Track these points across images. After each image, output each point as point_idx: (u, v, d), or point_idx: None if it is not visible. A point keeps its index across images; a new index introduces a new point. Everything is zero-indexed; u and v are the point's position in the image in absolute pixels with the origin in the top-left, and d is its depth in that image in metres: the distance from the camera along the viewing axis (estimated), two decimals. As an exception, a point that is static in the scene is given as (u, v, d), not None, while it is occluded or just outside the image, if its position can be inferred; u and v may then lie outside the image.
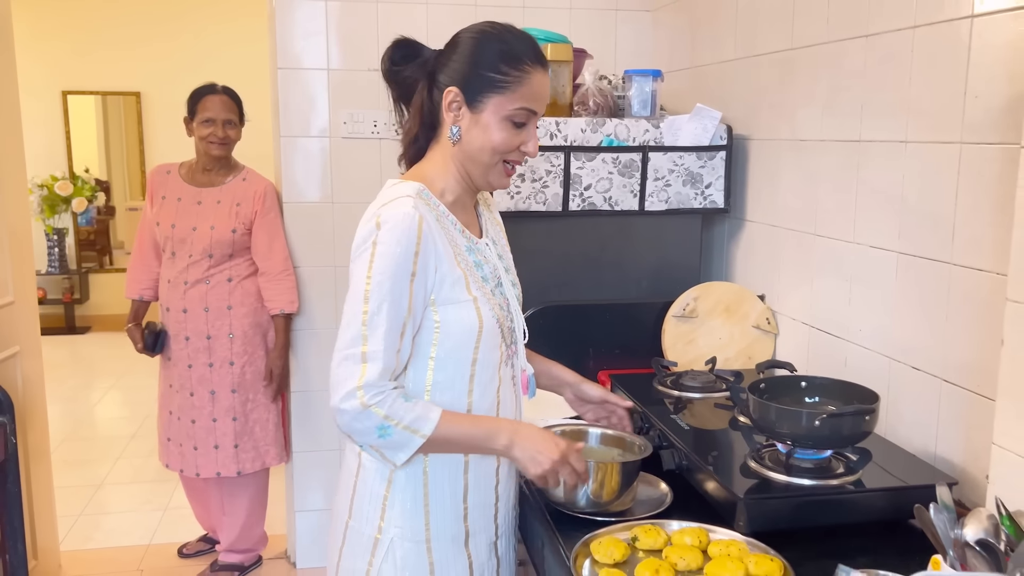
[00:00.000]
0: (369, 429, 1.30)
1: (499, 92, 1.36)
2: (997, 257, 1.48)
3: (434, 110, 1.42)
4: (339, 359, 1.32)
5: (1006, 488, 1.31)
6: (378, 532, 1.42)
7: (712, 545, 1.40)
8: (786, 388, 1.64)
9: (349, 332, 1.32)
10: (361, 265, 1.33)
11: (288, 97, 2.91)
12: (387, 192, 1.41)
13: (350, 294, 1.34)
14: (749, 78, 2.38)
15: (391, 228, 1.32)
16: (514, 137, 1.39)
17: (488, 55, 1.36)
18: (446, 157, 1.43)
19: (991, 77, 1.49)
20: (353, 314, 1.32)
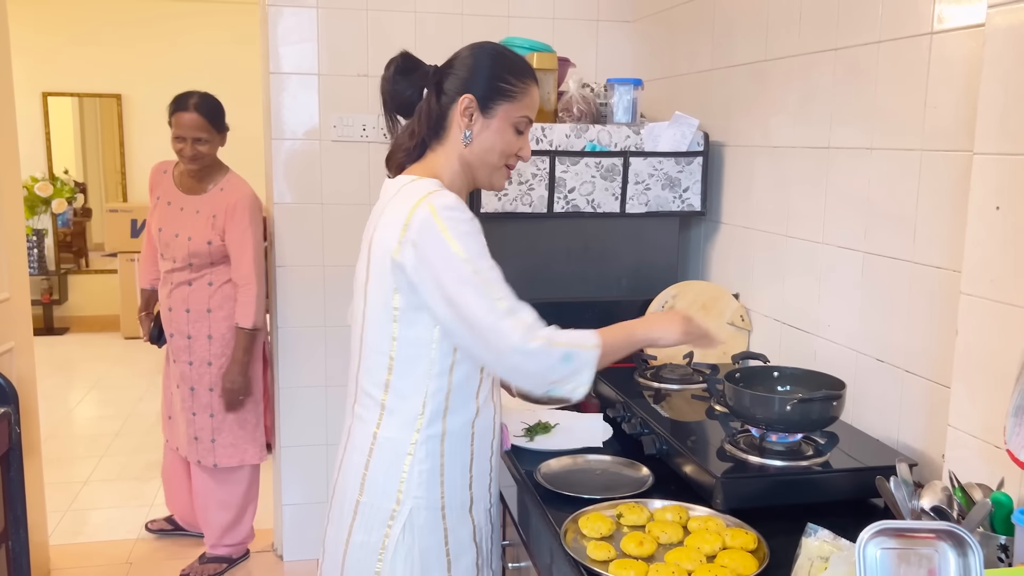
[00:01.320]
0: (555, 362, 1.40)
1: (509, 100, 1.54)
2: (953, 255, 1.60)
3: (441, 115, 1.55)
4: (491, 324, 1.39)
5: (959, 464, 1.43)
6: (396, 504, 1.52)
7: (691, 521, 1.51)
8: (760, 377, 1.76)
9: (481, 300, 1.39)
10: (441, 248, 1.40)
11: (279, 101, 2.99)
12: (417, 186, 1.50)
13: (445, 274, 1.40)
14: (725, 87, 2.50)
15: (456, 210, 1.43)
16: (515, 142, 1.57)
17: (500, 68, 1.54)
18: (451, 158, 1.56)
19: (948, 89, 1.61)
20: (472, 287, 1.39)
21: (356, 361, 1.59)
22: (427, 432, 1.51)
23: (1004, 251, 1.34)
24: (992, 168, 1.35)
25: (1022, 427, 1.19)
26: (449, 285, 1.41)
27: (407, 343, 1.49)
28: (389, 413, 1.52)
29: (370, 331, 1.53)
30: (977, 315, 1.39)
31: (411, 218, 1.43)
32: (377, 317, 1.51)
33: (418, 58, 1.58)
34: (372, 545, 1.53)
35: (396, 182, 1.56)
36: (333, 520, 1.61)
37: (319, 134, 3.02)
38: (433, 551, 1.54)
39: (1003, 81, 1.32)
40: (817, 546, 1.18)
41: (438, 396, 1.51)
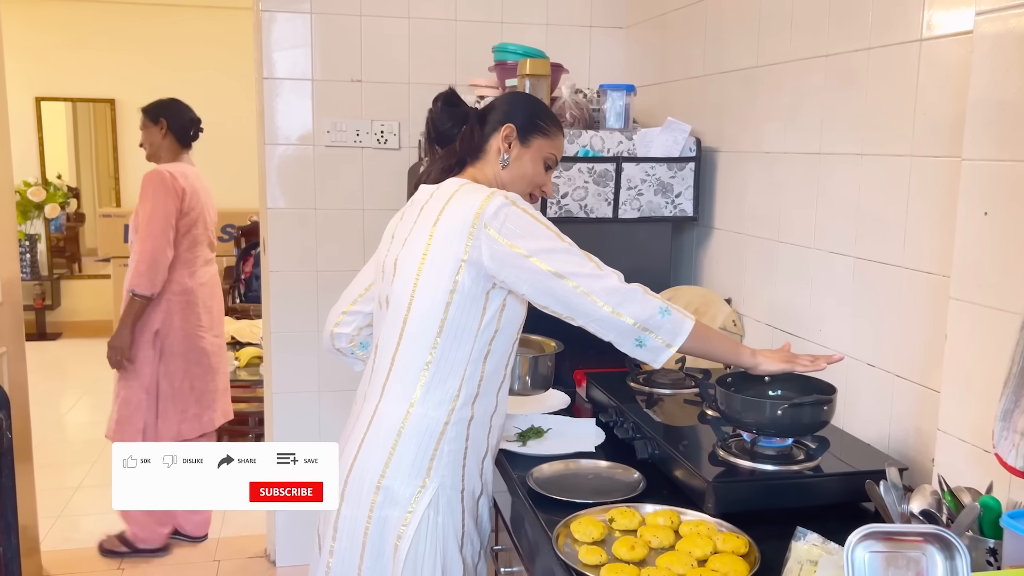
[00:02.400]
0: (654, 310, 1.57)
1: (543, 136, 1.74)
2: (943, 260, 1.61)
3: (481, 140, 1.73)
4: (590, 271, 1.57)
5: (949, 469, 1.43)
6: (425, 479, 1.57)
7: (683, 525, 1.51)
8: (751, 382, 1.76)
9: (585, 266, 1.57)
10: (529, 225, 1.55)
11: (272, 106, 2.99)
12: (475, 187, 1.63)
13: (542, 248, 1.54)
14: (717, 93, 2.51)
15: (528, 204, 1.60)
16: (542, 175, 1.76)
17: (539, 109, 1.78)
18: (490, 176, 1.72)
19: (937, 96, 1.62)
20: (564, 247, 1.57)
21: (394, 341, 1.63)
22: (460, 414, 1.60)
23: (992, 256, 1.35)
24: (980, 174, 1.36)
25: (1010, 431, 1.20)
26: (542, 249, 1.54)
27: (456, 326, 1.57)
28: (428, 390, 1.59)
29: (419, 312, 1.59)
30: (966, 320, 1.40)
31: (487, 204, 1.55)
32: (431, 297, 1.57)
33: (459, 96, 1.75)
34: (394, 520, 1.57)
35: (445, 184, 1.67)
36: (349, 499, 1.61)
37: (312, 139, 3.03)
38: (452, 532, 1.60)
39: (991, 87, 1.33)
40: (806, 550, 1.18)
41: (473, 380, 1.61)
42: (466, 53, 3.01)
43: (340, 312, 1.85)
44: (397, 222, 1.76)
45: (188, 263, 3.32)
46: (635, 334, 1.56)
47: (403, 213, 1.75)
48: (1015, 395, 1.19)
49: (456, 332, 1.58)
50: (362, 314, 1.82)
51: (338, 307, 1.87)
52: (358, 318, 1.83)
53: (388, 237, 1.75)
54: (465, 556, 1.63)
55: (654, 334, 1.57)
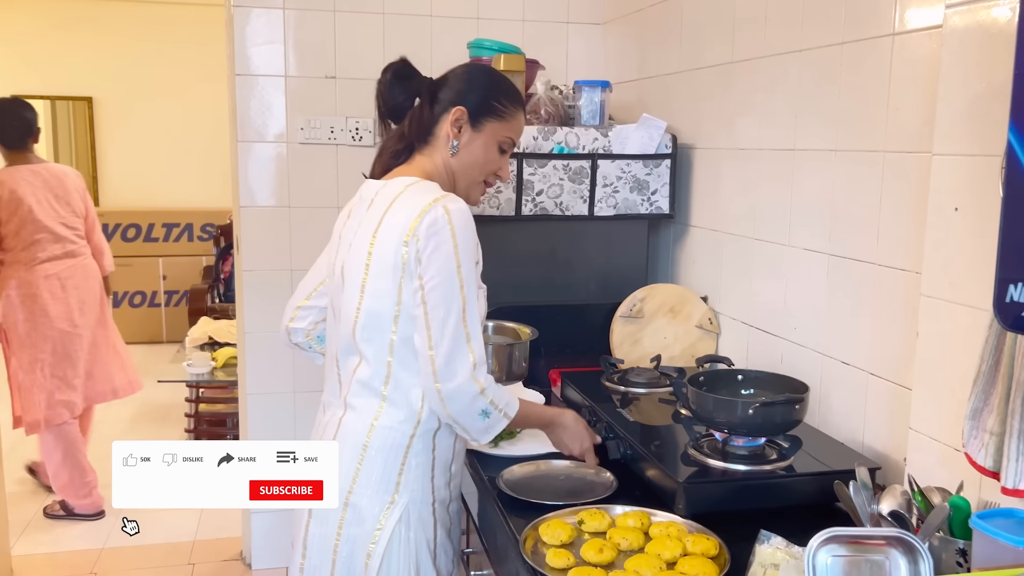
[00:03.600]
0: (475, 412, 1.49)
1: (497, 119, 1.60)
2: (915, 257, 1.59)
3: (431, 122, 1.61)
4: (449, 345, 1.45)
5: (920, 468, 1.42)
6: (394, 494, 1.52)
7: (653, 526, 1.49)
8: (724, 381, 1.75)
9: (452, 318, 1.45)
10: (445, 252, 1.45)
11: (245, 103, 2.95)
12: (425, 187, 1.54)
13: (436, 277, 1.45)
14: (693, 89, 2.49)
15: (464, 219, 1.48)
16: (497, 161, 1.64)
17: (493, 87, 1.62)
18: (438, 164, 1.62)
19: (909, 91, 1.61)
20: (451, 300, 1.45)
21: (351, 355, 1.57)
22: (426, 426, 1.54)
23: (963, 253, 1.33)
24: (950, 169, 1.35)
25: (979, 430, 1.18)
26: (434, 286, 1.45)
27: (409, 339, 1.50)
28: (391, 404, 1.53)
29: (368, 327, 1.53)
30: (937, 317, 1.39)
31: (424, 214, 1.46)
32: (378, 309, 1.51)
33: (414, 66, 1.63)
34: (363, 537, 1.52)
35: (392, 183, 1.57)
36: (317, 516, 1.56)
37: (286, 136, 2.98)
38: (424, 546, 1.56)
39: (961, 82, 1.31)
40: (770, 553, 1.16)
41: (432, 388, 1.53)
42: (442, 50, 2.98)
43: (295, 307, 1.76)
44: (344, 220, 1.65)
45: (26, 261, 3.57)
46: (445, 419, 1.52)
47: (350, 211, 1.64)
48: (984, 394, 1.17)
49: (410, 346, 1.50)
50: (317, 308, 1.74)
51: (293, 301, 1.78)
52: (313, 312, 1.75)
53: (336, 236, 1.66)
54: (439, 567, 1.59)
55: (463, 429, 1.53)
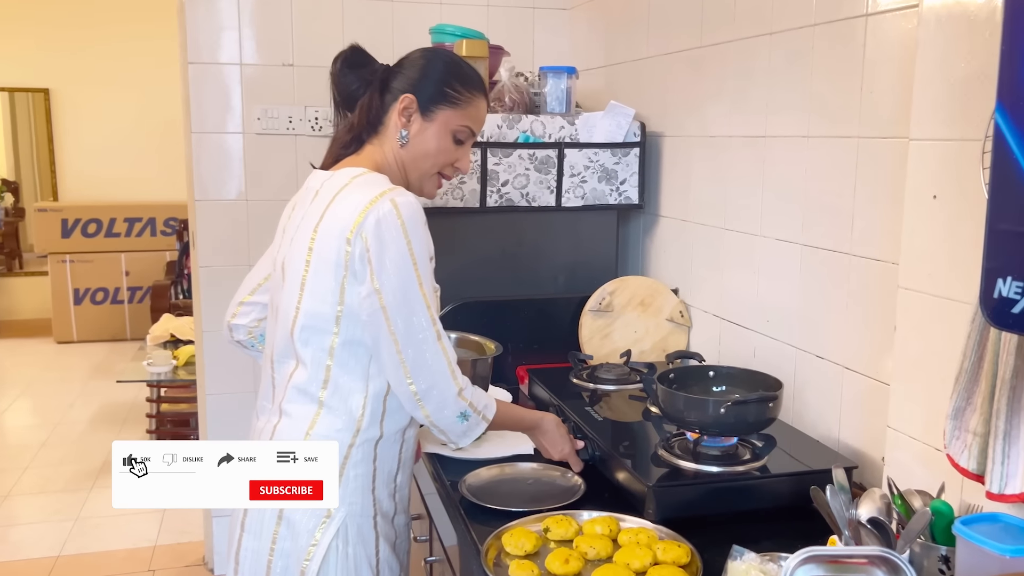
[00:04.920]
0: (453, 414, 1.41)
1: (451, 106, 1.49)
2: (892, 247, 1.53)
3: (381, 112, 1.51)
4: (419, 347, 1.37)
5: (899, 469, 1.36)
6: (328, 513, 1.41)
7: (622, 533, 1.41)
8: (695, 378, 1.68)
9: (417, 318, 1.36)
10: (397, 250, 1.35)
11: (199, 93, 2.84)
12: (372, 179, 1.43)
13: (392, 279, 1.35)
14: (662, 76, 2.41)
15: (414, 213, 1.37)
16: (453, 151, 1.53)
17: (448, 72, 1.51)
18: (388, 156, 1.51)
19: (884, 73, 1.54)
20: (413, 300, 1.36)
21: (287, 358, 1.47)
22: (366, 435, 1.44)
23: (942, 243, 1.27)
24: (928, 155, 1.28)
25: (962, 431, 1.12)
26: (390, 289, 1.36)
27: (350, 342, 1.40)
28: (329, 411, 1.42)
29: (307, 328, 1.42)
30: (915, 310, 1.32)
31: (370, 210, 1.35)
32: (318, 309, 1.40)
33: (368, 54, 1.54)
34: (297, 553, 1.41)
35: (338, 174, 1.47)
36: (250, 529, 1.47)
37: (242, 127, 2.87)
38: (364, 561, 1.45)
39: (938, 63, 1.25)
40: (744, 570, 1.09)
41: (378, 398, 1.44)
42: (404, 35, 2.88)
43: (237, 303, 1.67)
44: (289, 213, 1.55)
45: None
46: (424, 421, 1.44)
47: (295, 203, 1.55)
48: (967, 392, 1.11)
49: (352, 349, 1.40)
50: (260, 305, 1.64)
51: (236, 297, 1.68)
52: (256, 309, 1.65)
53: (280, 230, 1.57)
54: None
55: (440, 431, 1.46)
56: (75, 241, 6.32)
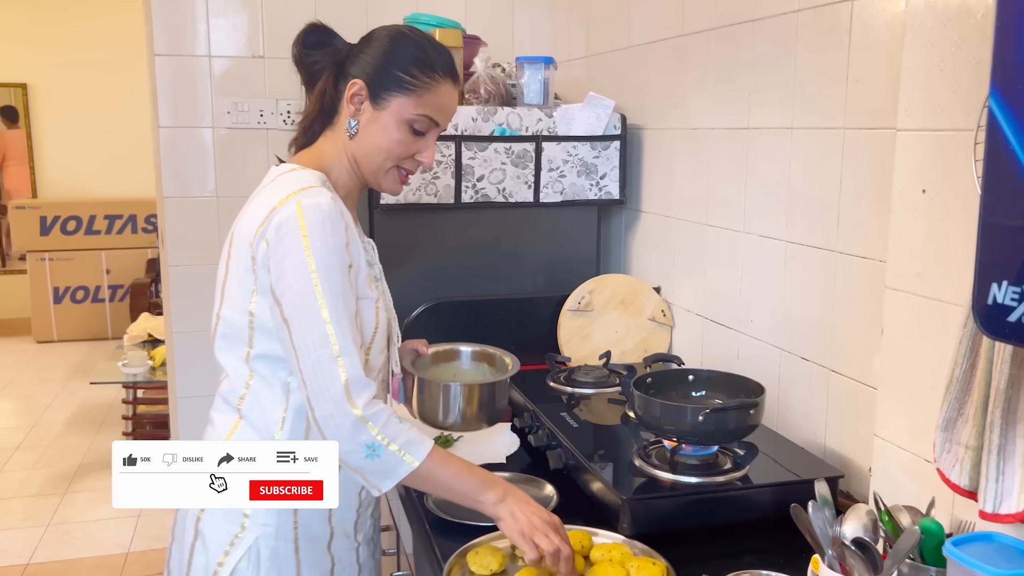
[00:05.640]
0: (358, 446, 1.21)
1: (405, 94, 1.33)
2: (880, 244, 1.45)
3: (335, 99, 1.38)
4: (313, 366, 1.21)
5: (887, 480, 1.28)
6: (240, 529, 1.31)
7: (594, 549, 1.33)
8: (673, 382, 1.60)
9: (312, 334, 1.21)
10: (294, 258, 1.21)
11: (167, 86, 2.74)
12: (293, 177, 1.31)
13: (290, 290, 1.22)
14: (643, 66, 2.33)
15: (321, 217, 1.23)
16: (411, 144, 1.37)
17: (401, 55, 1.34)
18: (339, 149, 1.39)
19: (870, 61, 1.46)
20: (309, 314, 1.21)
21: (217, 363, 1.38)
22: None
23: (932, 240, 1.19)
24: (917, 146, 1.20)
25: (953, 444, 1.04)
26: (288, 301, 1.23)
27: (266, 356, 1.30)
28: (247, 422, 1.33)
29: (226, 335, 1.33)
30: (904, 313, 1.24)
31: (274, 213, 1.24)
32: (234, 318, 1.31)
33: (333, 31, 1.40)
34: (208, 568, 1.32)
35: (274, 170, 1.38)
36: (176, 538, 1.39)
37: (212, 121, 2.77)
38: None
39: (926, 47, 1.17)
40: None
41: (302, 413, 1.30)
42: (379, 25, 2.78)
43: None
44: None
45: None
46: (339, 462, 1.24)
47: None
48: (958, 402, 1.03)
49: (267, 361, 1.30)
50: None
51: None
52: None
53: None
54: None
55: (352, 468, 1.24)
56: (54, 239, 6.21)
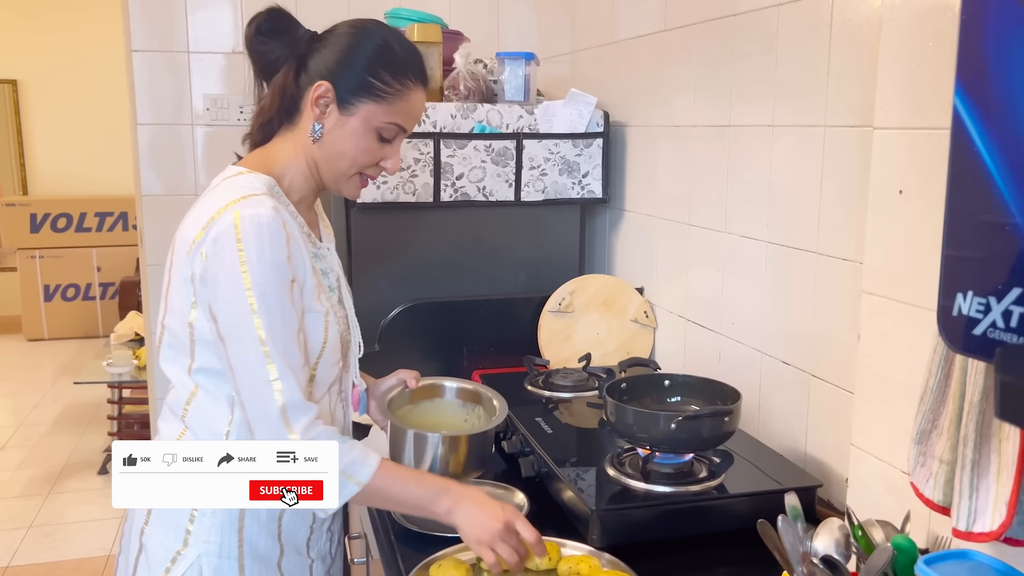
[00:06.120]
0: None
1: (375, 100, 1.26)
2: (860, 246, 1.40)
3: (297, 97, 1.29)
4: (250, 388, 1.16)
5: (864, 492, 1.23)
6: (182, 545, 1.26)
7: (563, 562, 1.29)
8: (648, 387, 1.55)
9: (247, 355, 1.16)
10: (230, 274, 1.15)
11: (144, 82, 2.69)
12: (236, 183, 1.24)
13: (225, 307, 1.16)
14: (627, 62, 2.28)
15: (259, 230, 1.16)
16: (377, 151, 1.30)
17: (370, 57, 1.26)
18: (298, 151, 1.30)
19: (851, 56, 1.41)
20: (244, 334, 1.16)
21: None
22: None
23: (909, 243, 1.14)
24: (894, 145, 1.15)
25: (927, 457, 0.99)
26: (224, 318, 1.17)
27: (207, 370, 1.25)
28: (192, 434, 1.28)
29: (171, 341, 1.28)
30: (880, 317, 1.20)
31: (212, 223, 1.17)
32: (176, 328, 1.26)
33: (293, 18, 1.31)
34: None
35: (226, 172, 1.30)
36: (123, 548, 1.35)
37: (191, 118, 2.73)
38: None
39: (904, 42, 1.12)
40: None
41: (246, 426, 1.22)
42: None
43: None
44: None
45: None
46: None
47: None
48: (932, 413, 0.98)
49: (209, 374, 1.25)
50: None
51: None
52: None
53: None
54: None
55: None
56: (44, 236, 6.17)
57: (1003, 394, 0.64)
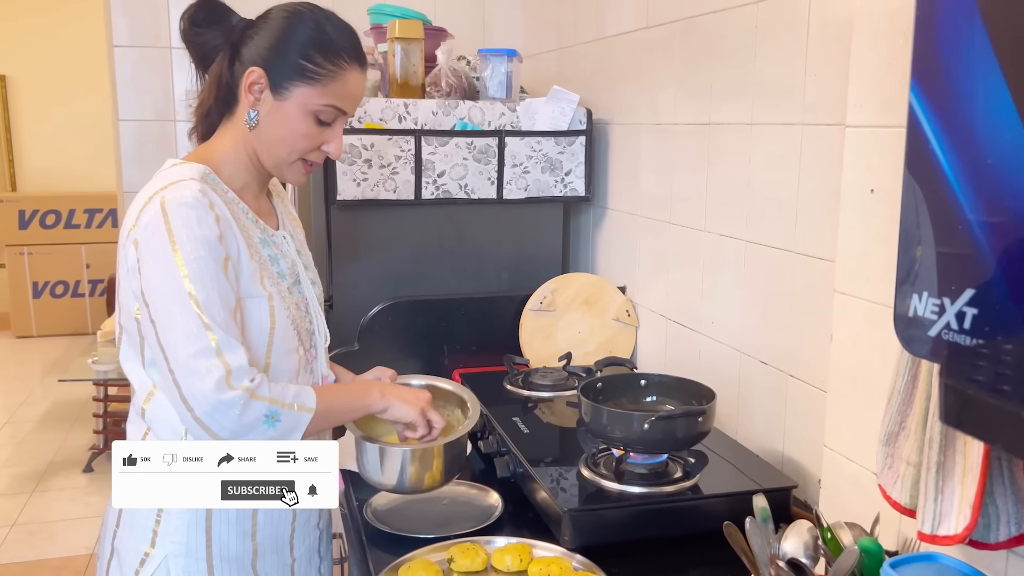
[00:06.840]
0: (256, 420, 1.15)
1: (309, 83, 1.24)
2: (835, 245, 1.39)
3: (233, 86, 1.27)
4: (186, 360, 1.13)
5: (836, 493, 1.22)
6: (150, 547, 1.25)
7: (533, 564, 1.28)
8: (624, 387, 1.54)
9: (186, 327, 1.13)
10: (160, 254, 1.14)
11: (126, 78, 2.67)
12: (167, 173, 1.22)
13: (157, 289, 1.15)
14: (611, 59, 2.27)
15: (186, 210, 1.15)
16: (317, 135, 1.28)
17: (302, 40, 1.24)
18: (236, 140, 1.28)
19: (828, 53, 1.40)
20: (180, 308, 1.13)
21: None
22: None
23: (881, 243, 1.13)
24: (865, 143, 1.14)
25: (895, 459, 0.98)
26: (156, 299, 1.15)
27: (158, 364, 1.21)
28: (154, 433, 1.26)
29: (127, 339, 1.26)
30: (852, 318, 1.19)
31: (143, 211, 1.17)
32: (128, 325, 1.24)
33: (226, 6, 1.29)
34: None
35: (164, 164, 1.28)
36: (98, 553, 1.34)
37: (174, 114, 2.71)
38: None
39: (874, 40, 1.11)
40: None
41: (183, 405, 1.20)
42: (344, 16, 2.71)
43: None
44: None
45: None
46: None
47: None
48: (900, 415, 0.97)
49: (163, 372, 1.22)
50: None
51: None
52: None
53: None
54: None
55: None
56: (33, 232, 6.14)
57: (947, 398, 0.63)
